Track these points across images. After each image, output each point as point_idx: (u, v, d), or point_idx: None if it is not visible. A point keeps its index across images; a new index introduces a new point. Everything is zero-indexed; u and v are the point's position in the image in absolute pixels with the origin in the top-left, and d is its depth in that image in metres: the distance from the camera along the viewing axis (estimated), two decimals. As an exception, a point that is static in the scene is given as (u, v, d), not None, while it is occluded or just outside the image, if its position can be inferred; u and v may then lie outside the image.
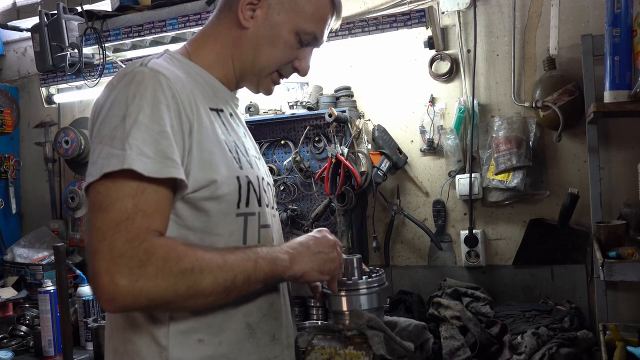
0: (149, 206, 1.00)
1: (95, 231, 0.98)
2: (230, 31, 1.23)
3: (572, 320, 2.01)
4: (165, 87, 1.06)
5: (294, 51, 1.25)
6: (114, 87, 1.07)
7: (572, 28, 2.21)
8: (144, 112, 1.02)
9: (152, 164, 1.00)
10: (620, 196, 2.14)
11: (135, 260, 0.96)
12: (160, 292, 0.98)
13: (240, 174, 1.16)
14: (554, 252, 2.25)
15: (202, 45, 1.26)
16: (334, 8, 1.26)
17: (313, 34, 1.24)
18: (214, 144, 1.13)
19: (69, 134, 2.82)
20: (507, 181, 2.23)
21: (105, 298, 0.96)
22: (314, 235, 1.24)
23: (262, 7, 1.21)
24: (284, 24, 1.21)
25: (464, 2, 2.29)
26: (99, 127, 1.05)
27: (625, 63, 1.75)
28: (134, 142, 1.00)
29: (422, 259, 2.48)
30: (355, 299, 1.28)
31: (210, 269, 1.03)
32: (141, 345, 1.11)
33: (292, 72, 1.30)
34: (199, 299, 1.04)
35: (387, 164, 2.39)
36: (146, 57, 1.16)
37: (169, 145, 1.03)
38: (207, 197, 1.10)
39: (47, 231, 3.15)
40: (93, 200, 1.00)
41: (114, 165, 0.98)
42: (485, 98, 2.36)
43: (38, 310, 2.47)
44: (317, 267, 1.19)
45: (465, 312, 2.02)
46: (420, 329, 1.41)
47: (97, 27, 2.57)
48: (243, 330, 1.16)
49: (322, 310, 2.41)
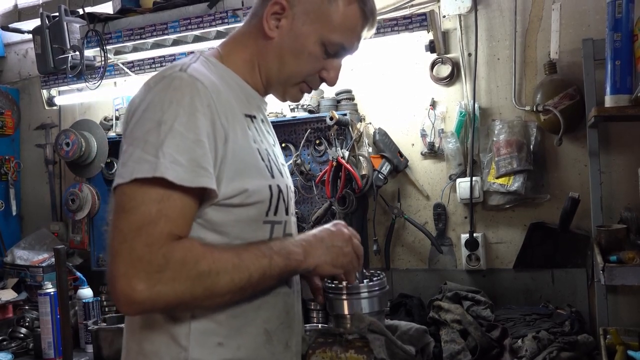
0: (173, 212, 1.00)
1: (118, 232, 0.98)
2: (257, 40, 1.22)
3: (572, 324, 2.01)
4: (202, 95, 1.06)
5: (320, 62, 1.23)
6: (150, 89, 1.07)
7: (573, 32, 2.21)
8: (180, 120, 1.02)
9: (185, 172, 1.00)
10: (620, 200, 2.14)
11: (153, 265, 0.97)
12: (177, 295, 0.99)
13: (272, 183, 1.16)
14: (554, 256, 2.25)
15: (232, 50, 1.25)
16: (365, 18, 1.22)
17: (340, 44, 1.21)
18: (248, 152, 1.13)
19: (69, 136, 2.82)
20: (507, 185, 2.23)
21: (123, 301, 0.97)
22: (329, 229, 1.24)
23: (287, 17, 1.19)
24: (309, 35, 1.19)
25: (465, 6, 2.30)
26: (133, 127, 1.05)
27: (626, 67, 1.75)
28: (168, 150, 1.00)
29: (423, 262, 2.48)
30: (356, 302, 1.28)
31: (227, 269, 1.04)
32: (160, 344, 1.11)
33: (320, 83, 1.28)
34: (216, 299, 1.05)
35: (387, 167, 2.39)
36: (184, 60, 1.15)
37: (203, 154, 1.03)
38: (239, 204, 1.10)
39: (47, 233, 3.15)
40: (119, 201, 1.01)
41: (145, 171, 0.99)
42: (486, 102, 2.36)
43: (38, 313, 2.46)
44: (330, 261, 1.19)
45: (465, 315, 2.02)
46: (421, 333, 1.41)
47: (98, 29, 2.57)
48: (261, 336, 1.16)
49: (322, 313, 2.41)
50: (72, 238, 3.08)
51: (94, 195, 2.89)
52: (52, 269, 2.80)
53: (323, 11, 1.18)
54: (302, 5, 1.18)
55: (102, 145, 2.88)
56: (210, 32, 2.40)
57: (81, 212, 2.90)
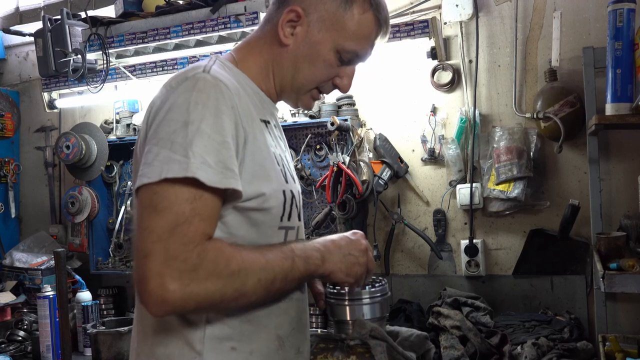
0: (205, 211, 1.01)
1: (149, 233, 0.97)
2: (271, 47, 1.22)
3: (571, 331, 2.01)
4: (226, 97, 1.06)
5: (334, 69, 1.23)
6: (173, 90, 1.07)
7: (573, 40, 2.22)
8: (207, 121, 1.02)
9: (214, 174, 1.00)
10: (620, 208, 2.15)
11: (188, 263, 0.97)
12: (208, 295, 0.99)
13: (285, 188, 1.16)
14: (553, 263, 2.25)
15: (247, 55, 1.25)
16: (379, 25, 1.22)
17: (355, 52, 1.22)
18: (265, 156, 1.13)
19: (70, 138, 2.82)
20: (507, 191, 2.24)
21: (154, 301, 0.96)
22: (348, 237, 1.23)
23: (302, 24, 1.18)
24: (324, 42, 1.18)
25: (467, 13, 2.31)
26: (156, 128, 1.04)
27: (627, 76, 1.77)
28: (197, 150, 1.00)
29: (422, 268, 2.48)
30: (358, 308, 1.28)
31: (254, 270, 1.04)
32: (173, 348, 1.11)
33: (332, 89, 1.28)
34: (243, 300, 1.05)
35: (388, 172, 2.40)
36: (203, 62, 1.15)
37: (230, 156, 1.03)
38: (255, 208, 1.11)
39: (46, 236, 3.15)
40: (148, 201, 1.00)
41: (175, 171, 0.98)
42: (486, 108, 2.37)
43: (36, 315, 2.46)
44: (344, 269, 1.19)
45: (465, 321, 2.03)
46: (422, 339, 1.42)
47: (100, 33, 2.58)
48: (273, 342, 1.17)
49: (321, 318, 2.41)
50: (71, 241, 3.08)
51: (93, 199, 2.89)
52: (51, 272, 2.80)
53: (338, 19, 1.18)
54: (317, 13, 1.18)
55: (102, 149, 2.88)
56: (212, 37, 2.41)
57: (80, 215, 2.90)
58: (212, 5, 2.36)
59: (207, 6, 2.38)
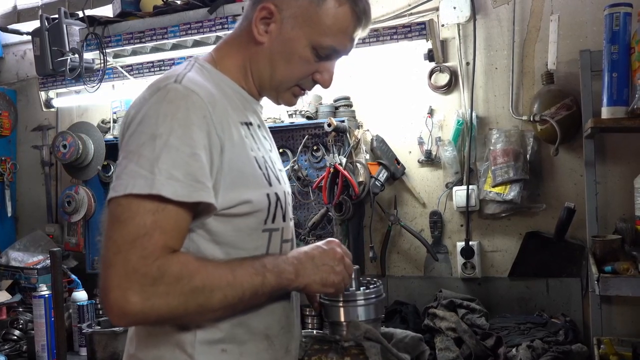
0: (168, 223, 1.00)
1: (112, 243, 0.98)
2: (248, 45, 1.21)
3: (566, 334, 2.02)
4: (197, 107, 1.05)
5: (313, 65, 1.21)
6: (146, 101, 1.07)
7: (570, 43, 2.23)
8: (175, 134, 1.01)
9: (182, 188, 1.00)
10: (616, 211, 2.15)
11: (148, 277, 0.96)
12: (170, 310, 0.99)
13: (269, 191, 1.16)
14: (549, 265, 2.25)
15: (225, 55, 1.24)
16: (357, 18, 1.19)
17: (332, 47, 1.19)
18: (245, 162, 1.12)
19: (67, 138, 2.82)
20: (504, 194, 2.24)
21: (115, 313, 0.97)
22: (322, 247, 1.22)
23: (276, 21, 1.17)
24: (298, 39, 1.17)
25: (464, 16, 2.31)
26: (128, 140, 1.04)
27: (623, 80, 1.76)
28: (164, 165, 0.99)
29: (418, 270, 2.48)
30: (352, 310, 1.28)
31: (221, 286, 1.03)
32: (165, 351, 1.11)
33: (313, 85, 1.26)
34: (207, 315, 1.06)
35: (384, 174, 2.40)
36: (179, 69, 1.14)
37: (199, 168, 1.02)
38: (237, 214, 1.10)
39: (43, 235, 3.14)
40: (113, 212, 1.00)
41: (140, 187, 0.98)
42: (483, 111, 2.37)
43: (32, 315, 2.45)
44: (319, 280, 1.18)
45: (460, 323, 2.03)
46: (416, 341, 1.42)
47: (98, 32, 2.57)
48: (262, 342, 1.17)
49: (316, 320, 2.40)
50: (67, 240, 3.07)
51: (90, 198, 2.89)
52: (46, 271, 2.79)
53: (312, 14, 1.16)
54: (290, 9, 1.17)
55: (99, 148, 2.87)
56: (210, 37, 2.41)
57: (77, 215, 2.90)
58: (209, 6, 2.36)
59: (205, 6, 2.38)
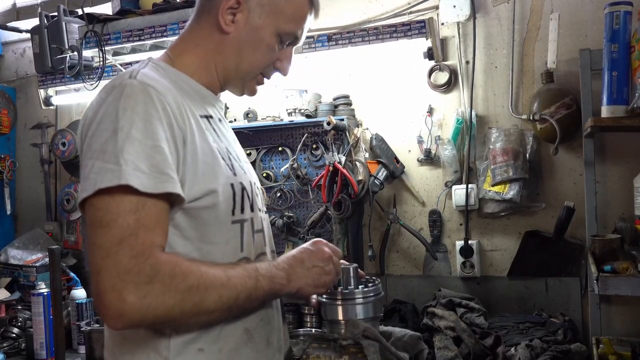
0: (150, 220, 0.99)
1: (97, 248, 0.97)
2: (210, 36, 1.22)
3: (565, 333, 2.01)
4: (156, 100, 1.05)
5: (275, 53, 1.24)
6: (103, 101, 1.06)
7: (570, 42, 2.23)
8: (137, 127, 1.01)
9: (147, 179, 0.99)
10: (615, 210, 2.15)
11: (142, 276, 0.95)
12: (167, 309, 0.98)
13: (234, 181, 1.15)
14: (548, 265, 2.25)
15: (183, 51, 1.24)
16: (312, 6, 1.25)
17: (293, 34, 1.24)
18: (207, 153, 1.12)
19: (66, 136, 2.82)
20: (503, 193, 2.24)
21: (112, 315, 0.96)
22: (309, 248, 1.22)
23: (243, 11, 1.19)
24: (265, 27, 1.20)
25: (464, 14, 2.31)
26: (89, 141, 1.04)
27: (623, 79, 1.76)
28: (129, 157, 0.98)
29: (418, 269, 2.48)
30: (351, 308, 1.28)
31: (215, 286, 1.03)
32: (141, 355, 1.10)
33: (273, 73, 1.30)
34: (203, 316, 1.04)
35: (384, 173, 2.40)
36: (133, 67, 1.14)
37: (163, 160, 1.02)
38: (204, 207, 1.10)
39: (42, 233, 3.14)
40: (92, 216, 0.99)
41: (109, 180, 0.97)
42: (483, 109, 2.37)
43: (31, 313, 2.45)
44: (311, 282, 1.19)
45: (459, 322, 2.03)
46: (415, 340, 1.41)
47: (97, 30, 2.57)
48: (241, 336, 1.16)
49: (316, 318, 2.40)
50: (66, 238, 3.08)
51: (89, 196, 2.88)
52: (45, 269, 2.79)
53: (277, 2, 1.20)
54: None
55: (98, 146, 2.86)
56: (209, 35, 2.40)
57: (76, 213, 2.90)
58: (209, 4, 2.35)
59: (205, 4, 2.37)
